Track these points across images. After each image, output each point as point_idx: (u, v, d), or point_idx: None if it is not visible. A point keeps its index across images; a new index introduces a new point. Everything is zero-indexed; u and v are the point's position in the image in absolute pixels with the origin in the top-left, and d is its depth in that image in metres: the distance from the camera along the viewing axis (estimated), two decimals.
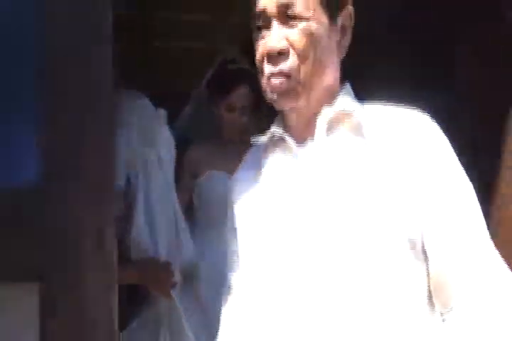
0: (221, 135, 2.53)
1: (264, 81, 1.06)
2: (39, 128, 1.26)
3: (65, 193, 1.22)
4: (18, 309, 1.18)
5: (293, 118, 1.08)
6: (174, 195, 2.20)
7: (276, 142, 1.10)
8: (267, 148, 1.13)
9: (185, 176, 2.46)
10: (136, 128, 2.16)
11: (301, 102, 1.03)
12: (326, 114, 1.03)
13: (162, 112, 2.29)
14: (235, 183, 1.21)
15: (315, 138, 1.04)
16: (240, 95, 2.48)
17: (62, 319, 1.16)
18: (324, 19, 1.04)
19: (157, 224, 2.03)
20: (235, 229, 1.17)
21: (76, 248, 1.18)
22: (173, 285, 2.03)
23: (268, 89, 1.05)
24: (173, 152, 2.27)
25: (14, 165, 1.29)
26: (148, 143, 2.21)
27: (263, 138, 1.14)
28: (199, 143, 2.56)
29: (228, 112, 2.48)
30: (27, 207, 1.20)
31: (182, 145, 2.40)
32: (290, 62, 1.02)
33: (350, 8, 1.08)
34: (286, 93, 1.03)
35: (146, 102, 2.29)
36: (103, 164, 1.27)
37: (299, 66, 1.01)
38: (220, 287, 2.24)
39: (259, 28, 1.06)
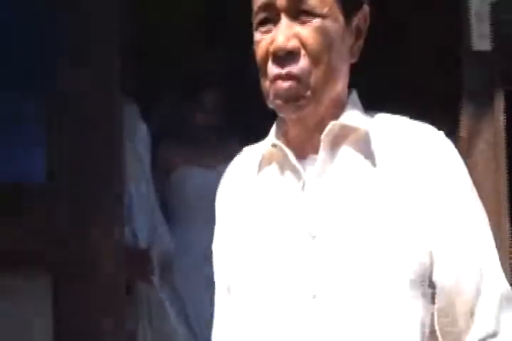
0: (192, 133, 2.59)
1: (266, 84, 0.91)
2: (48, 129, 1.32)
3: (77, 192, 1.29)
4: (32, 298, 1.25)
5: (294, 128, 0.95)
6: (151, 189, 2.28)
7: (273, 153, 0.96)
8: (261, 160, 0.98)
9: (159, 172, 2.52)
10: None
11: (309, 110, 0.90)
12: (333, 128, 0.91)
13: (138, 110, 2.35)
14: (223, 196, 1.05)
15: (319, 155, 0.92)
16: (211, 96, 2.55)
17: (74, 308, 1.24)
18: (340, 18, 0.90)
19: (135, 218, 2.12)
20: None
21: (87, 243, 1.26)
22: (152, 271, 2.13)
23: (272, 93, 0.90)
24: (148, 148, 2.35)
25: (26, 163, 1.33)
26: (127, 139, 2.29)
27: (256, 147, 1.00)
28: (171, 140, 2.62)
29: (199, 112, 2.55)
30: (38, 204, 1.27)
31: (156, 142, 2.48)
32: (301, 64, 0.88)
33: (366, 8, 0.95)
34: (293, 99, 0.89)
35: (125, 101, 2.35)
36: (113, 164, 1.33)
37: (310, 69, 0.88)
38: (194, 278, 2.36)
39: (263, 22, 0.91)
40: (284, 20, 0.89)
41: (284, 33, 0.88)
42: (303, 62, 0.88)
